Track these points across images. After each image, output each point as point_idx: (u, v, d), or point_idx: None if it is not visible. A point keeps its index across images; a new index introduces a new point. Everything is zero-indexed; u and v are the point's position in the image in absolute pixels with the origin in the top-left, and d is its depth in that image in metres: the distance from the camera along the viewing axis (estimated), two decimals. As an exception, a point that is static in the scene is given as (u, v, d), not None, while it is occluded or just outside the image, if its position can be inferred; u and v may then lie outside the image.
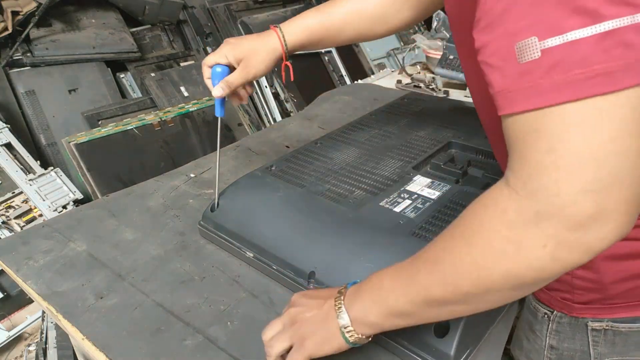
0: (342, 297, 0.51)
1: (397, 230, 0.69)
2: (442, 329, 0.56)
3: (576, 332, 0.60)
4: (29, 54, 2.12)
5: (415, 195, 0.77)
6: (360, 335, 0.50)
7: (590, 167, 0.33)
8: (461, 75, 1.41)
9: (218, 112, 0.80)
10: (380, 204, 0.75)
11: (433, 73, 1.57)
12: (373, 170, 0.85)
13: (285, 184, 0.81)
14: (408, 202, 0.75)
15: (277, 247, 0.72)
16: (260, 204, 0.78)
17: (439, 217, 0.71)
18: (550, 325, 0.62)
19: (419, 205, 0.74)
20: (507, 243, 0.37)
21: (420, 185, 0.80)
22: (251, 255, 0.74)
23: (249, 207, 0.78)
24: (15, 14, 2.00)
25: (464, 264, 0.41)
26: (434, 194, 0.77)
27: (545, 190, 0.35)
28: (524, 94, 0.35)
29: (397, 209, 0.73)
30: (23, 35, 2.05)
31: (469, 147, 0.92)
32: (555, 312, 0.61)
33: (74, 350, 1.35)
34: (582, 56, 0.33)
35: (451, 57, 1.44)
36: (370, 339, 0.51)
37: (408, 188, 0.79)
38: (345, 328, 0.49)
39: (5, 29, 1.99)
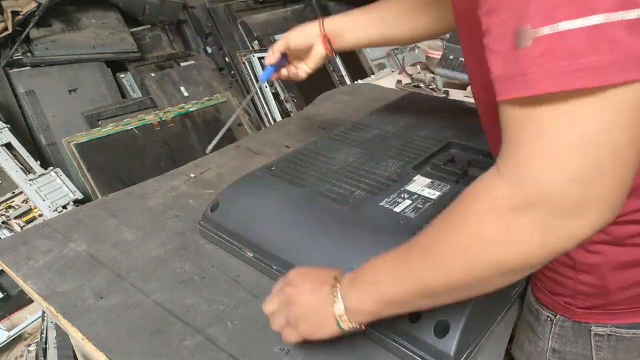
0: (338, 286, 0.51)
1: (397, 230, 0.69)
2: (442, 329, 0.56)
3: (579, 336, 0.60)
4: (29, 54, 2.12)
5: (416, 195, 0.77)
6: (354, 324, 0.51)
7: (576, 156, 0.34)
8: (461, 75, 1.41)
9: (262, 77, 0.93)
10: (381, 204, 0.75)
11: (433, 73, 1.57)
12: (373, 170, 0.85)
13: (286, 184, 0.81)
14: (408, 202, 0.75)
15: (277, 247, 0.72)
16: (260, 204, 0.78)
17: (439, 217, 0.71)
18: (553, 328, 0.62)
19: (419, 206, 0.74)
20: (496, 230, 0.38)
21: (420, 185, 0.80)
22: (251, 255, 0.74)
23: (249, 207, 0.78)
24: (15, 14, 2.00)
25: (456, 251, 0.41)
26: (434, 194, 0.77)
27: (533, 178, 0.36)
28: (516, 81, 0.35)
29: (397, 209, 0.73)
30: (23, 35, 2.05)
31: (469, 147, 0.92)
32: (558, 315, 0.61)
33: (74, 350, 1.35)
34: (571, 48, 0.33)
35: (451, 57, 1.44)
36: (363, 327, 0.52)
37: (408, 188, 0.79)
38: (340, 317, 0.50)
39: (5, 29, 1.99)
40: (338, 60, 2.74)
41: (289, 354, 0.60)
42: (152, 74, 2.38)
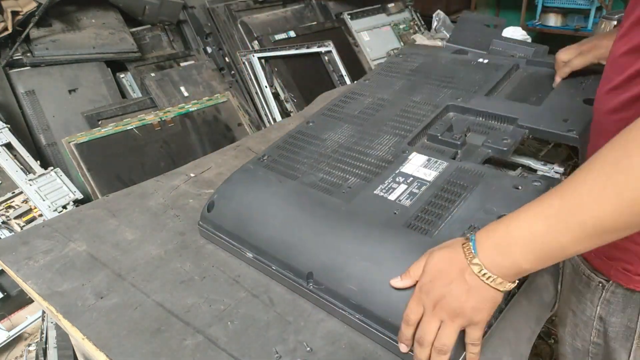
0: (481, 265, 0.50)
1: (392, 222, 0.67)
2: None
3: (628, 305, 0.60)
4: (29, 54, 2.12)
5: (411, 178, 0.74)
6: (513, 283, 0.50)
7: None
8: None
9: None
10: (375, 191, 0.73)
11: (433, 73, 1.57)
12: (366, 150, 0.82)
13: (278, 177, 0.80)
14: (403, 187, 0.73)
15: (274, 248, 0.71)
16: (254, 202, 0.77)
17: (434, 203, 0.69)
18: (603, 294, 0.62)
19: (415, 190, 0.72)
20: None
21: (415, 165, 0.77)
22: (251, 255, 0.74)
23: (244, 206, 0.77)
24: (15, 14, 2.00)
25: None
26: (430, 174, 0.74)
27: None
28: None
29: (392, 197, 0.71)
30: (23, 35, 2.05)
31: (469, 109, 0.89)
32: (610, 281, 0.61)
33: (74, 350, 1.35)
34: None
35: (451, 57, 1.44)
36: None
37: (403, 170, 0.76)
38: (500, 284, 0.50)
39: (5, 29, 1.99)
40: (338, 60, 2.74)
41: (289, 355, 0.60)
42: (152, 74, 2.38)
